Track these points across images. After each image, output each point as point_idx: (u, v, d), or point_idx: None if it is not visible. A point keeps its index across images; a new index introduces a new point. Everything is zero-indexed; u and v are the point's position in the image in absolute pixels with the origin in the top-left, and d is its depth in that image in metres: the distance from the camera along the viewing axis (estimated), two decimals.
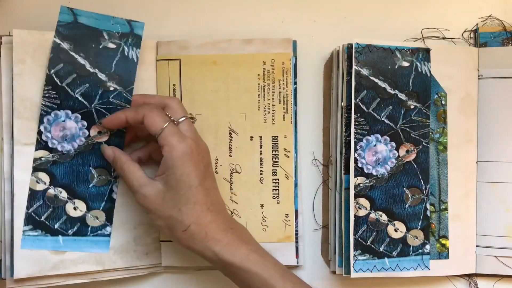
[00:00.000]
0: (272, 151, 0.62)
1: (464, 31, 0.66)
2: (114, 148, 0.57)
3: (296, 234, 0.62)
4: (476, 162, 0.64)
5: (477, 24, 0.66)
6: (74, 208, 0.58)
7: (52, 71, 0.57)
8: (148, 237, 0.61)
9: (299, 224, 0.63)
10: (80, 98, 0.58)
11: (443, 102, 0.63)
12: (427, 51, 0.62)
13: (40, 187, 0.57)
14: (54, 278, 0.58)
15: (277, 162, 0.62)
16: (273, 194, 0.62)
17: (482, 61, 0.64)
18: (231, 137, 0.62)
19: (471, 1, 0.66)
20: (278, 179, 0.62)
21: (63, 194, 0.58)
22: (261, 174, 0.62)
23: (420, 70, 0.62)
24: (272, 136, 0.62)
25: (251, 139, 0.62)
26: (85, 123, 0.58)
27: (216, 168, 0.62)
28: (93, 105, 0.58)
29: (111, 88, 0.58)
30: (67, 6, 0.57)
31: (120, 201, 0.60)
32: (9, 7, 0.63)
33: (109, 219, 0.59)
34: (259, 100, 0.62)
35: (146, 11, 0.64)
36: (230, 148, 0.62)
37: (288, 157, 0.62)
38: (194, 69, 0.62)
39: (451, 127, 0.63)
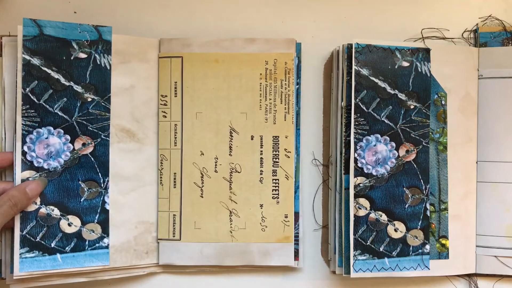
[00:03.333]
0: (273, 151, 0.62)
1: (464, 31, 0.66)
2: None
3: (297, 237, 0.62)
4: (476, 162, 0.64)
5: (477, 24, 0.66)
6: (69, 224, 0.57)
7: (27, 89, 0.56)
8: (148, 236, 0.61)
9: (300, 227, 0.63)
10: (60, 113, 0.57)
11: (443, 102, 0.63)
12: (427, 51, 0.62)
13: (31, 207, 0.56)
14: (54, 276, 0.57)
15: (278, 162, 0.62)
16: (272, 194, 0.62)
17: (482, 61, 0.64)
18: (232, 136, 0.62)
19: (471, 1, 0.66)
20: (278, 179, 0.62)
21: (56, 212, 0.57)
22: (261, 174, 0.62)
23: (420, 70, 0.62)
24: (273, 136, 0.62)
25: (252, 139, 0.62)
26: (68, 137, 0.57)
27: (215, 167, 0.62)
28: (73, 118, 0.58)
29: (89, 99, 0.58)
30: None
31: (122, 200, 0.60)
32: (9, 6, 0.63)
33: (105, 231, 0.59)
34: (260, 100, 0.62)
35: (149, 8, 0.64)
36: (230, 147, 0.62)
37: (289, 157, 0.62)
38: (196, 67, 0.61)
39: (451, 127, 0.63)
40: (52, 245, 0.56)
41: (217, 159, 0.62)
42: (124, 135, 0.60)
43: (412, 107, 0.62)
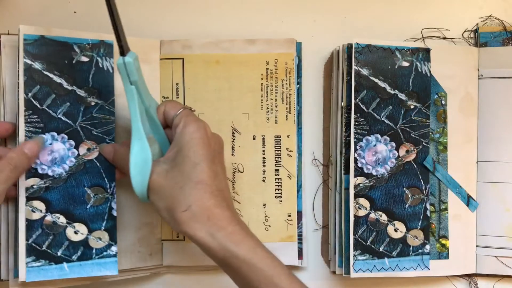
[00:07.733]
0: (275, 150, 0.62)
1: (464, 31, 0.66)
2: (114, 144, 0.56)
3: (300, 236, 0.62)
4: (476, 162, 0.64)
5: (477, 24, 0.66)
6: (75, 232, 0.55)
7: (30, 94, 0.54)
8: (152, 237, 0.61)
9: (303, 226, 0.63)
10: (63, 118, 0.55)
11: (443, 102, 0.63)
12: (427, 51, 0.62)
13: (36, 216, 0.54)
14: (59, 283, 0.56)
15: (280, 161, 0.62)
16: (275, 193, 0.62)
17: (482, 61, 0.64)
18: (234, 136, 0.62)
19: (471, 1, 0.66)
20: (280, 179, 0.62)
21: (62, 219, 0.55)
22: (263, 173, 0.62)
23: (420, 70, 0.62)
24: (274, 136, 0.62)
25: (254, 139, 0.62)
26: (72, 142, 0.56)
27: None
28: (77, 123, 0.56)
29: (92, 103, 0.57)
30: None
31: (125, 202, 0.59)
32: (9, 6, 0.62)
33: (113, 239, 0.57)
34: (262, 100, 0.62)
35: (149, 10, 0.64)
36: (232, 148, 0.62)
37: (291, 156, 0.62)
38: (197, 68, 0.61)
39: (451, 127, 0.63)
40: (59, 253, 0.55)
41: None
42: (128, 137, 0.60)
43: (412, 107, 0.62)
